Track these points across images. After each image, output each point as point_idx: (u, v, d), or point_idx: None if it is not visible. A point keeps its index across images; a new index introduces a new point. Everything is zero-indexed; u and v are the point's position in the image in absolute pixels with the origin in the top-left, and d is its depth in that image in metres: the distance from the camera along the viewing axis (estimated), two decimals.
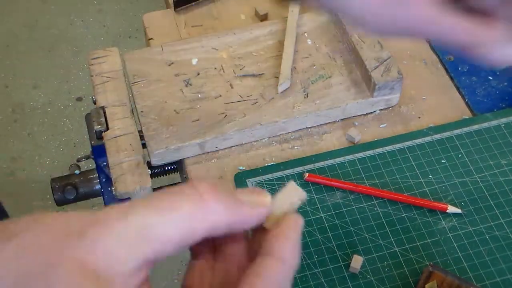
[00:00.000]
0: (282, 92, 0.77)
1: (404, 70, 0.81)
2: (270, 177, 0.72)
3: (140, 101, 0.76)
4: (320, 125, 0.78)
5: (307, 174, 0.71)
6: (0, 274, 0.28)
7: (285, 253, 0.34)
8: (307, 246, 0.67)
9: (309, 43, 0.83)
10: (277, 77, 0.78)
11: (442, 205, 0.69)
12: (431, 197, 0.70)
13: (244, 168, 0.74)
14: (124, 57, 0.81)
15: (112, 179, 0.71)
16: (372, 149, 0.75)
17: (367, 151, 0.74)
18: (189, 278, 0.37)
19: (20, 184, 1.75)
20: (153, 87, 0.78)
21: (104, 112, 0.76)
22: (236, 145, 0.76)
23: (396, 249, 0.67)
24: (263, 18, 0.89)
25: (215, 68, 0.80)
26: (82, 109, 1.90)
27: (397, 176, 0.72)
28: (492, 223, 0.68)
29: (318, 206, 0.70)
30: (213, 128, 0.74)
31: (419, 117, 0.79)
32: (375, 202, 0.70)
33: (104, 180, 0.76)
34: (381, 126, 0.78)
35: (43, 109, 1.91)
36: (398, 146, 0.75)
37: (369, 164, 0.73)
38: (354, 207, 0.70)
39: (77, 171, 0.81)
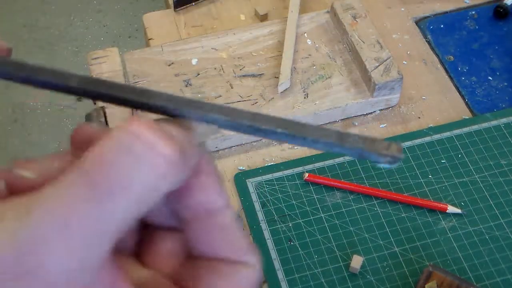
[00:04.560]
0: (282, 92, 0.77)
1: (404, 70, 0.81)
2: (270, 177, 0.72)
3: None
4: (320, 125, 0.78)
5: (307, 174, 0.71)
6: None
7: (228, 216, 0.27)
8: (307, 246, 0.67)
9: (309, 43, 0.83)
10: (277, 77, 0.78)
11: (442, 205, 0.69)
12: (431, 197, 0.70)
13: (244, 168, 0.74)
14: (124, 57, 0.81)
15: None
16: None
17: None
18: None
19: None
20: (153, 87, 0.78)
21: (104, 112, 0.76)
22: (236, 145, 0.76)
23: (396, 249, 0.67)
24: (263, 18, 0.89)
25: (215, 68, 0.80)
26: (82, 109, 1.90)
27: (397, 176, 0.72)
28: (492, 223, 0.68)
29: (318, 206, 0.70)
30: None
31: (419, 117, 0.79)
32: (375, 202, 0.70)
33: None
34: (381, 126, 0.78)
35: (43, 109, 1.91)
36: None
37: (369, 164, 0.73)
38: (354, 207, 0.70)
39: None
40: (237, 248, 0.26)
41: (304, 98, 0.77)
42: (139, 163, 0.23)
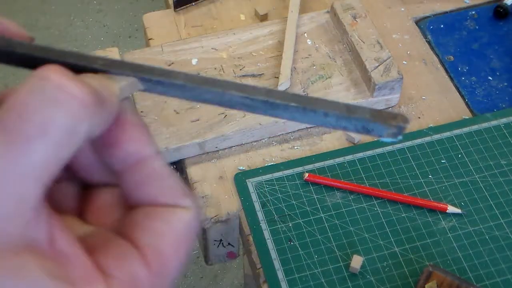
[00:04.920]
0: None
1: (404, 70, 0.81)
2: (270, 177, 0.72)
3: (140, 101, 0.76)
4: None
5: (307, 174, 0.71)
6: None
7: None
8: (307, 246, 0.67)
9: (309, 43, 0.83)
10: (277, 77, 0.78)
11: (442, 205, 0.69)
12: (431, 197, 0.70)
13: (244, 168, 0.74)
14: (124, 57, 0.81)
15: None
16: (372, 149, 0.75)
17: (367, 151, 0.74)
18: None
19: None
20: None
21: None
22: (236, 145, 0.76)
23: (396, 249, 0.67)
24: (263, 18, 0.89)
25: (215, 68, 0.80)
26: None
27: (397, 176, 0.72)
28: (492, 223, 0.68)
29: (318, 206, 0.70)
30: (213, 128, 0.74)
31: (419, 117, 0.79)
32: (375, 202, 0.70)
33: None
34: None
35: None
36: (398, 146, 0.75)
37: (369, 164, 0.73)
38: (354, 207, 0.70)
39: None
40: (171, 193, 0.27)
41: None
42: (52, 105, 0.23)
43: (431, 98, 0.81)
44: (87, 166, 0.29)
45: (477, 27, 0.88)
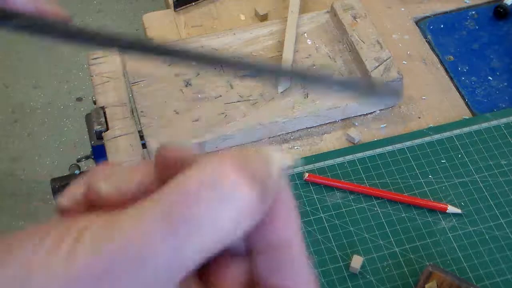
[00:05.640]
0: (282, 92, 0.77)
1: (404, 70, 0.81)
2: None
3: (140, 101, 0.76)
4: (320, 125, 0.78)
5: (307, 174, 0.71)
6: None
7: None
8: (307, 246, 0.67)
9: (309, 43, 0.83)
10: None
11: (442, 205, 0.69)
12: (431, 197, 0.70)
13: None
14: (124, 57, 0.81)
15: None
16: (372, 149, 0.75)
17: (367, 151, 0.74)
18: None
19: (20, 184, 1.75)
20: (153, 87, 0.78)
21: (104, 112, 0.76)
22: (236, 145, 0.76)
23: (396, 249, 0.67)
24: (263, 18, 0.89)
25: (215, 68, 0.80)
26: (82, 109, 1.90)
27: (397, 176, 0.72)
28: (492, 223, 0.68)
29: (318, 206, 0.70)
30: (213, 128, 0.74)
31: (419, 117, 0.79)
32: (375, 202, 0.70)
33: None
34: (381, 126, 0.78)
35: (43, 109, 1.91)
36: (398, 146, 0.75)
37: (369, 164, 0.73)
38: (354, 207, 0.70)
39: (77, 171, 0.81)
40: (302, 280, 0.26)
41: (304, 98, 0.77)
42: (222, 201, 0.22)
43: (431, 98, 0.81)
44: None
45: (477, 27, 0.88)
